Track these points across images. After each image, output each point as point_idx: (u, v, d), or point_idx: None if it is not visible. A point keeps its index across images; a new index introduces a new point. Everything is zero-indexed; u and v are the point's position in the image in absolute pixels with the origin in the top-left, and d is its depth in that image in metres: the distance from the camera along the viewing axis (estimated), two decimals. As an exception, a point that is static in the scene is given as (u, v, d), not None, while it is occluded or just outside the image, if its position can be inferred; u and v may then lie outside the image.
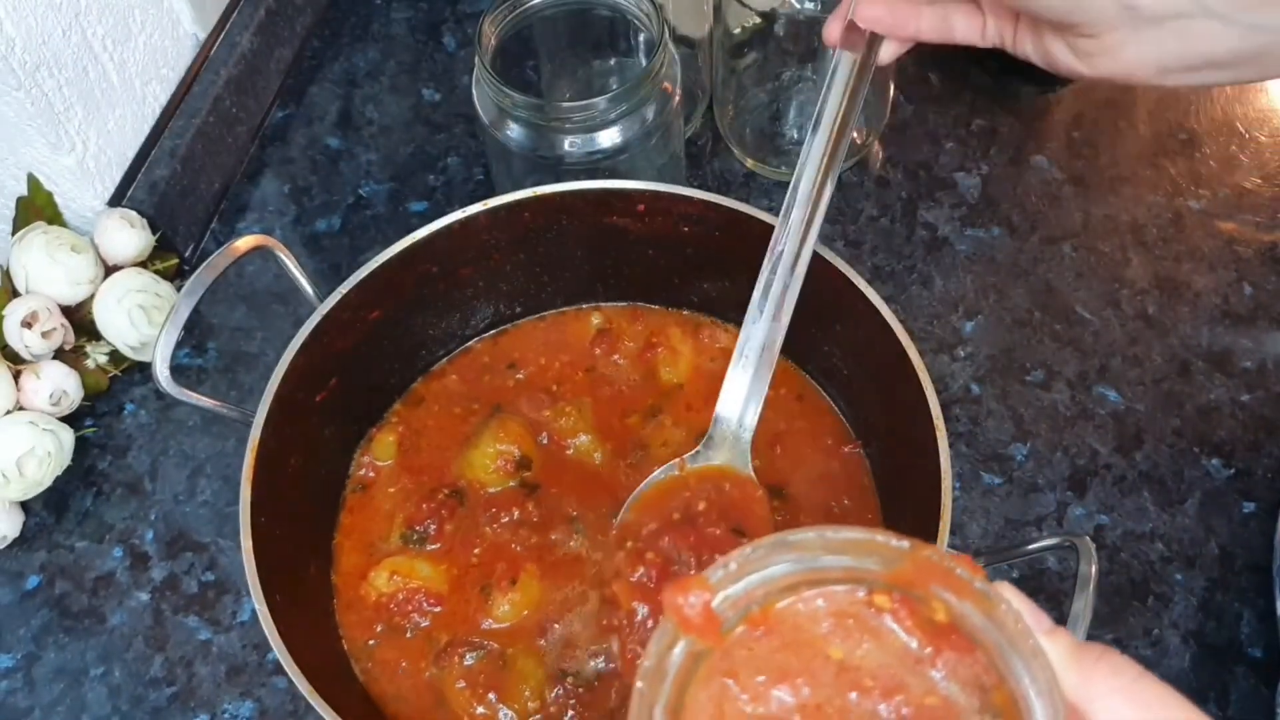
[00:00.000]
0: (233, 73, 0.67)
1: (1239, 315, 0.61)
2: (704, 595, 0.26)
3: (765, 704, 0.26)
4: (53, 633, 0.55)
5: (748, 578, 0.27)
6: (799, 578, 0.27)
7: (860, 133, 0.66)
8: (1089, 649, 0.27)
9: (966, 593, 0.26)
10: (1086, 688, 0.26)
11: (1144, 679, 0.26)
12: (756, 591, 0.27)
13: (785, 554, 0.27)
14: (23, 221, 0.59)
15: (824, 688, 0.26)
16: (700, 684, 0.27)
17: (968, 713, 0.25)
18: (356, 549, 0.52)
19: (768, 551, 0.27)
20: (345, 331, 0.50)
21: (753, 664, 0.27)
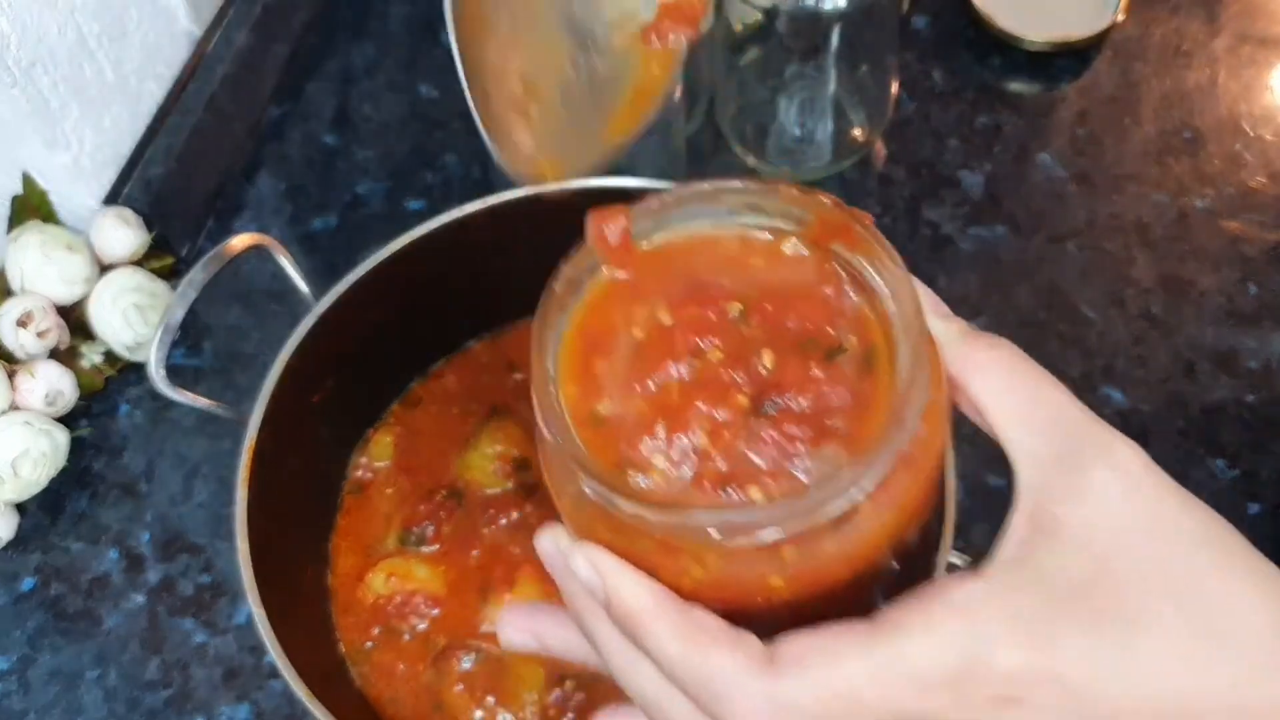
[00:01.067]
0: (229, 70, 0.66)
1: (1244, 315, 0.61)
2: (623, 223, 0.29)
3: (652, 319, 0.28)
4: (48, 635, 0.54)
5: (669, 221, 0.29)
6: (715, 232, 0.29)
7: (862, 130, 0.65)
8: (979, 334, 0.28)
9: (860, 246, 0.27)
10: (967, 359, 0.27)
11: (1023, 358, 0.28)
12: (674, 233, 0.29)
13: (707, 204, 0.29)
14: (17, 220, 0.59)
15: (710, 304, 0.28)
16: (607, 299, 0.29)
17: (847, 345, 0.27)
18: (353, 551, 0.51)
19: (690, 198, 0.29)
20: (342, 331, 0.49)
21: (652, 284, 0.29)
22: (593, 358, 0.28)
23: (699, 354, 0.27)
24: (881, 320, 0.27)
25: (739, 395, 0.26)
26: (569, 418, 0.27)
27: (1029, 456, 0.26)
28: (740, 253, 0.29)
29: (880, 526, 0.26)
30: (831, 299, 0.28)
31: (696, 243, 0.29)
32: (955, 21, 0.71)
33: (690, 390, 0.27)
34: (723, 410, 0.26)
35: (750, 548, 0.25)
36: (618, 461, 0.26)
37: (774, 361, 0.27)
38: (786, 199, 0.28)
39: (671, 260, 0.29)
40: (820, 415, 0.26)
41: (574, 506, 0.27)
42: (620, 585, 0.26)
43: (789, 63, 0.63)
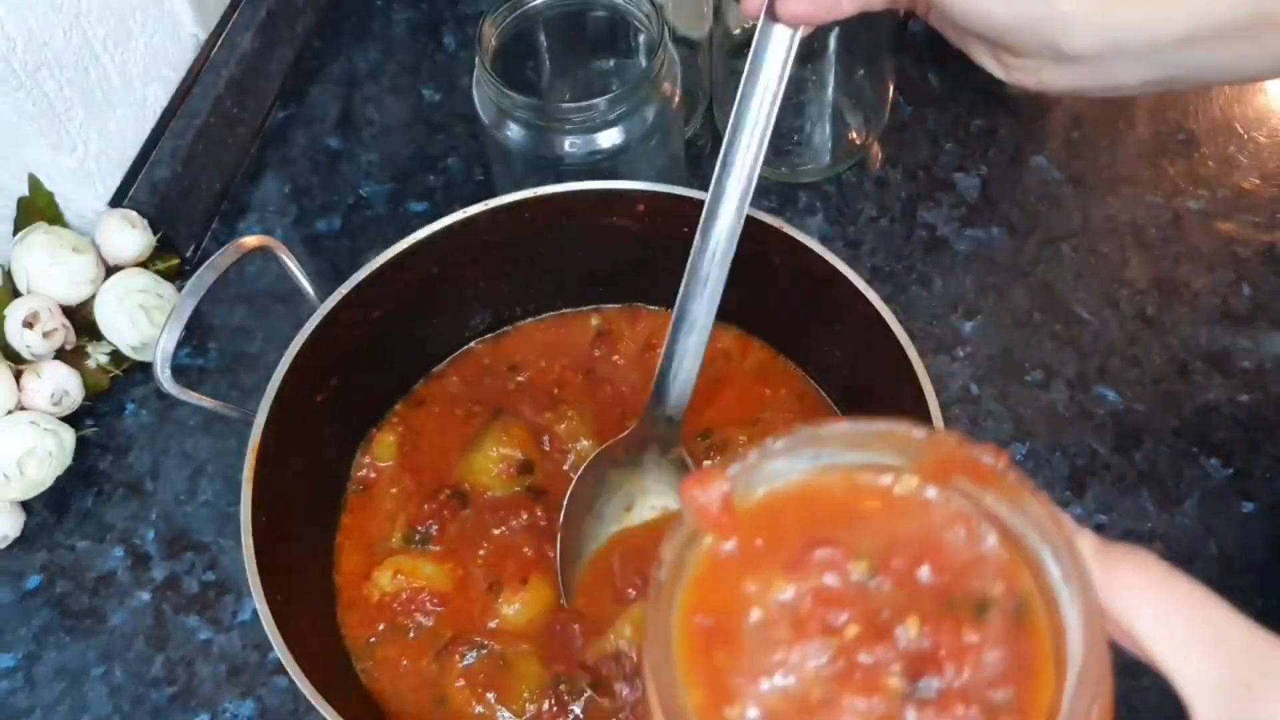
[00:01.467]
0: (233, 73, 0.67)
1: (1238, 315, 0.61)
2: (723, 487, 0.25)
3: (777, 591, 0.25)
4: (53, 632, 0.55)
5: (768, 471, 0.26)
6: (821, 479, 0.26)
7: (859, 133, 0.66)
8: (1116, 547, 0.26)
9: (992, 482, 0.24)
10: (1113, 584, 0.25)
11: (1172, 575, 0.25)
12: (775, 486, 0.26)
13: (806, 448, 0.26)
14: (24, 222, 0.59)
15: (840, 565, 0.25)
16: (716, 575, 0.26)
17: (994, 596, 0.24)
18: (358, 549, 0.52)
19: (789, 445, 0.26)
20: (346, 332, 0.50)
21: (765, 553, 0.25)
22: (711, 650, 0.24)
23: (833, 631, 0.24)
24: (1027, 560, 0.24)
25: (890, 678, 0.23)
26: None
27: (1201, 685, 0.24)
28: (852, 499, 0.26)
29: None
30: (964, 543, 0.25)
31: (803, 493, 0.26)
32: (952, 25, 0.71)
33: (832, 679, 0.24)
34: (876, 698, 0.23)
35: None
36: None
37: (920, 629, 0.24)
38: (896, 437, 0.25)
39: (778, 518, 0.25)
40: (983, 686, 0.23)
41: None
42: None
43: (787, 66, 0.63)
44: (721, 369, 0.55)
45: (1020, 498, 0.24)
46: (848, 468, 0.26)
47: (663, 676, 0.24)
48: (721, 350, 0.56)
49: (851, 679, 0.23)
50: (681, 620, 0.25)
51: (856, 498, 0.26)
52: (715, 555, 0.26)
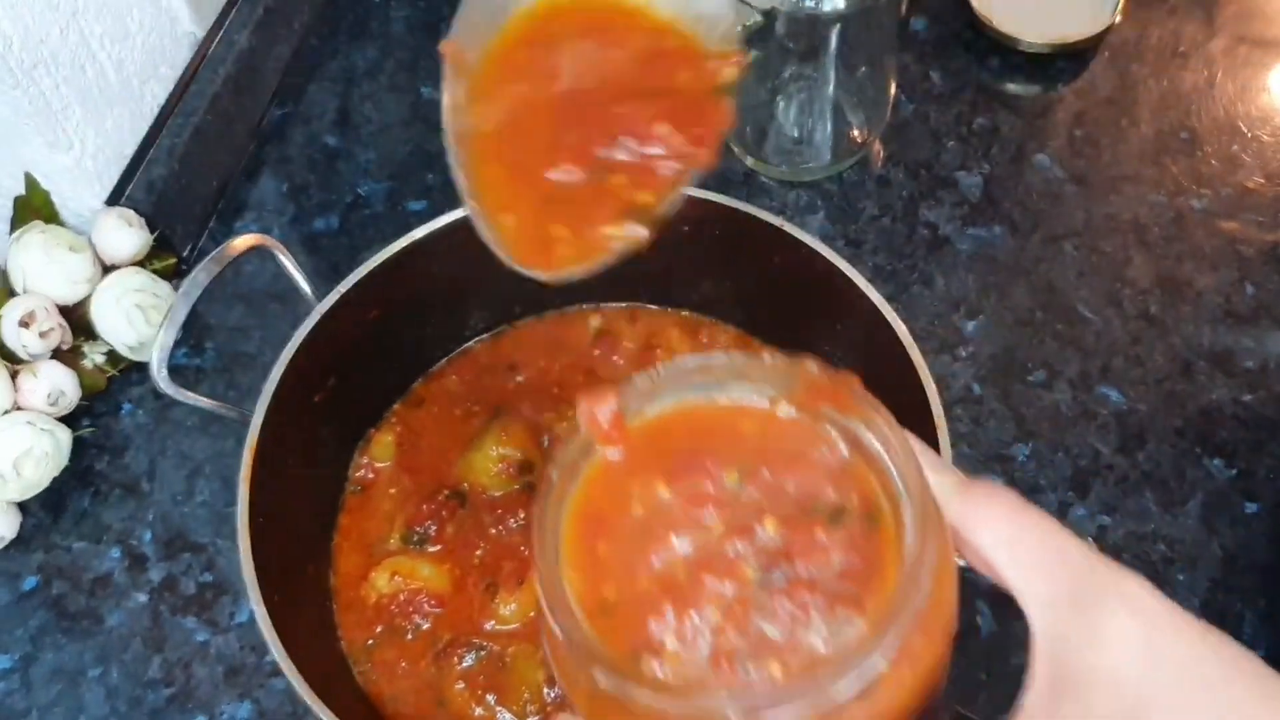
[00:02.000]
0: (231, 71, 0.66)
1: (1241, 315, 0.61)
2: (613, 405, 0.29)
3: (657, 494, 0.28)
4: (50, 633, 0.54)
5: (656, 394, 0.29)
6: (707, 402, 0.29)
7: (861, 131, 0.66)
8: (976, 483, 0.28)
9: (850, 407, 0.27)
10: (970, 515, 0.27)
11: (1024, 506, 0.27)
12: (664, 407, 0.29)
13: (693, 376, 0.29)
14: (20, 221, 0.59)
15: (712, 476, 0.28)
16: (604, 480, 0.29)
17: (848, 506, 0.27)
18: (355, 550, 0.51)
19: (675, 372, 0.29)
20: (344, 332, 0.49)
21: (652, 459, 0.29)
22: (595, 542, 0.28)
23: (701, 527, 0.27)
24: (880, 479, 0.27)
25: (746, 567, 0.26)
26: (576, 607, 0.27)
27: (1041, 602, 0.26)
28: (733, 421, 0.29)
29: (901, 690, 0.25)
30: (828, 461, 0.28)
31: (688, 415, 0.29)
32: (953, 23, 0.71)
33: (697, 566, 0.26)
34: (731, 584, 0.26)
35: None
36: (630, 648, 0.26)
37: (778, 528, 0.27)
38: (771, 368, 0.28)
39: (665, 435, 0.29)
40: (830, 581, 0.26)
41: (589, 698, 0.27)
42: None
43: (788, 64, 0.63)
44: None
45: (873, 420, 0.27)
46: (729, 395, 0.29)
47: (548, 563, 0.27)
48: (722, 350, 0.56)
49: (713, 566, 0.26)
50: (570, 517, 0.28)
51: (735, 419, 0.29)
52: (605, 463, 0.29)
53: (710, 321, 0.57)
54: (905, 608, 0.24)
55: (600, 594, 0.27)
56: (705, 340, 0.56)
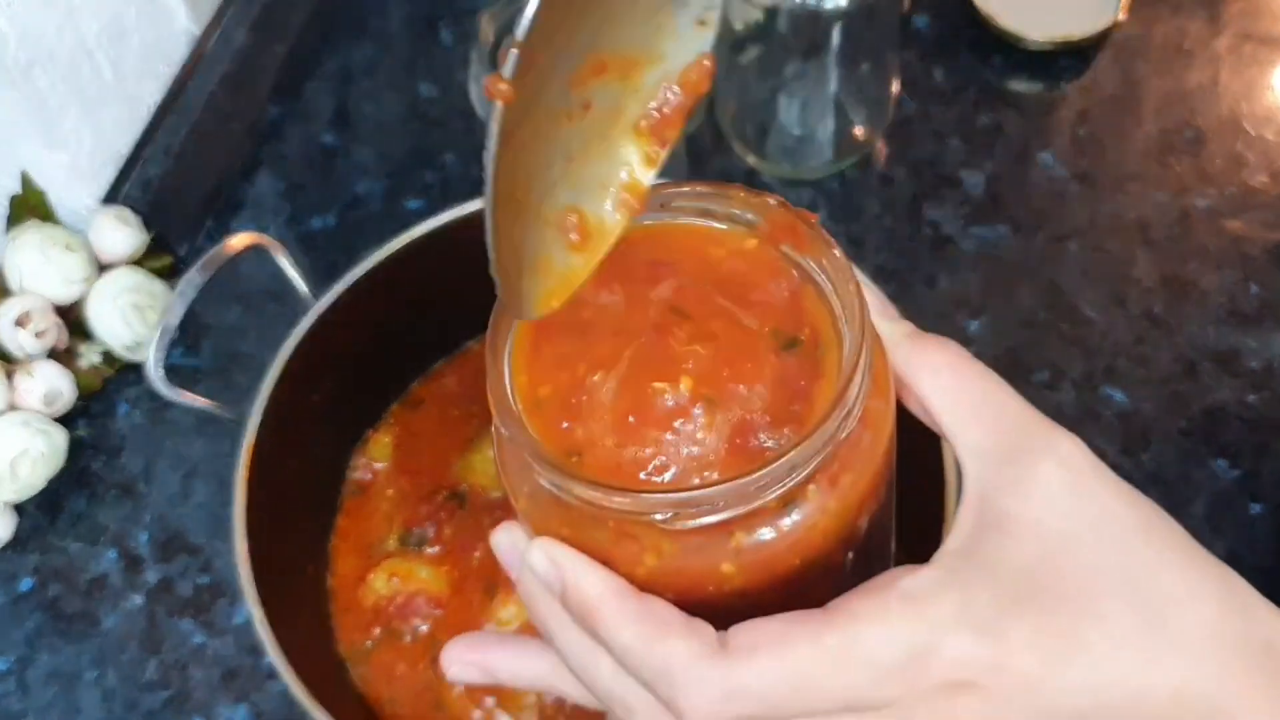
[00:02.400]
0: (227, 69, 0.66)
1: (1245, 315, 0.61)
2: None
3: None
4: (46, 636, 0.54)
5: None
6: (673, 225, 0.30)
7: (863, 130, 0.65)
8: (926, 336, 0.29)
9: (807, 246, 0.28)
10: (915, 362, 0.28)
11: (967, 359, 0.28)
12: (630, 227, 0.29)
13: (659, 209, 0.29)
14: (16, 220, 0.59)
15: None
16: None
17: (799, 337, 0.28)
18: (353, 551, 0.51)
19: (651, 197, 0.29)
20: (341, 331, 0.49)
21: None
22: (543, 345, 0.28)
23: (649, 334, 0.27)
24: (828, 315, 0.28)
25: (689, 378, 0.27)
26: (521, 408, 0.27)
27: (974, 451, 0.27)
28: (697, 243, 0.29)
29: (825, 516, 0.26)
30: (784, 293, 0.28)
31: (651, 232, 0.29)
32: (956, 21, 0.70)
33: (641, 371, 0.27)
34: (673, 393, 0.26)
35: (700, 531, 0.25)
36: (569, 449, 0.26)
37: (725, 346, 0.27)
38: (736, 201, 0.29)
39: (629, 250, 0.29)
40: (771, 403, 0.26)
41: (530, 503, 0.27)
42: (576, 575, 0.26)
43: (790, 62, 0.62)
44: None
45: (824, 256, 0.28)
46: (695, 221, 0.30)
47: (496, 362, 0.28)
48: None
49: (656, 372, 0.27)
50: (522, 325, 0.28)
51: (700, 242, 0.29)
52: None
53: (711, 321, 0.56)
54: (828, 425, 0.25)
55: (539, 394, 0.27)
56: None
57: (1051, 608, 0.25)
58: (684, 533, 0.25)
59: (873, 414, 0.27)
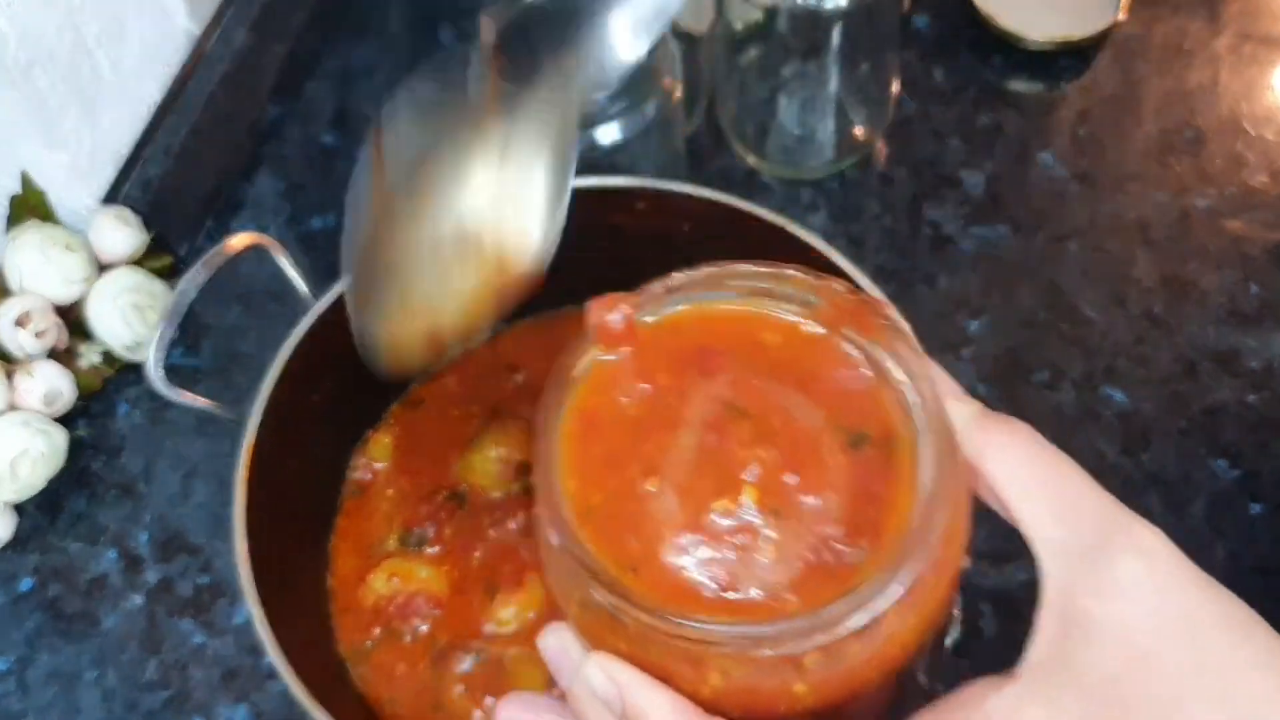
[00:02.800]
0: (227, 69, 0.66)
1: (1246, 315, 0.61)
2: (627, 311, 0.27)
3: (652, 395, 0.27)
4: (46, 636, 0.54)
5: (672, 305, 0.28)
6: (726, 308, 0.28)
7: (863, 130, 0.65)
8: (995, 416, 0.27)
9: (875, 332, 0.26)
10: (987, 447, 0.26)
11: (1042, 444, 0.27)
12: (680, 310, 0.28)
13: (714, 288, 0.28)
14: (16, 220, 0.59)
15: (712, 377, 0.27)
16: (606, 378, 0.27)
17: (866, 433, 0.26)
18: (353, 552, 0.51)
19: (697, 281, 0.28)
20: (341, 331, 0.49)
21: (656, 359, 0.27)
22: (592, 444, 0.26)
23: (706, 432, 0.25)
24: (899, 408, 0.26)
25: (754, 489, 0.25)
26: (572, 516, 0.25)
27: (1053, 548, 0.26)
28: (752, 329, 0.27)
29: (904, 630, 0.25)
30: (848, 384, 0.26)
31: (705, 317, 0.28)
32: (956, 21, 0.70)
33: (699, 478, 0.25)
34: (736, 507, 0.25)
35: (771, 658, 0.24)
36: (625, 562, 0.25)
37: (789, 445, 0.25)
38: (794, 283, 0.27)
39: (676, 334, 0.27)
40: (843, 511, 0.25)
41: (583, 613, 0.26)
42: (639, 699, 0.24)
43: (789, 62, 0.62)
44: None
45: (897, 346, 0.26)
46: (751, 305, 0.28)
47: (545, 470, 0.26)
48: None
49: (715, 477, 0.25)
50: (570, 421, 0.27)
51: (755, 328, 0.27)
52: (611, 363, 0.28)
53: (711, 321, 0.56)
54: (920, 542, 0.23)
55: (590, 502, 0.26)
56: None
57: (1142, 717, 0.24)
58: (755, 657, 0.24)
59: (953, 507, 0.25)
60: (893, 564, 0.23)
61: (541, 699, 0.29)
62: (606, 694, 0.25)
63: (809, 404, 0.26)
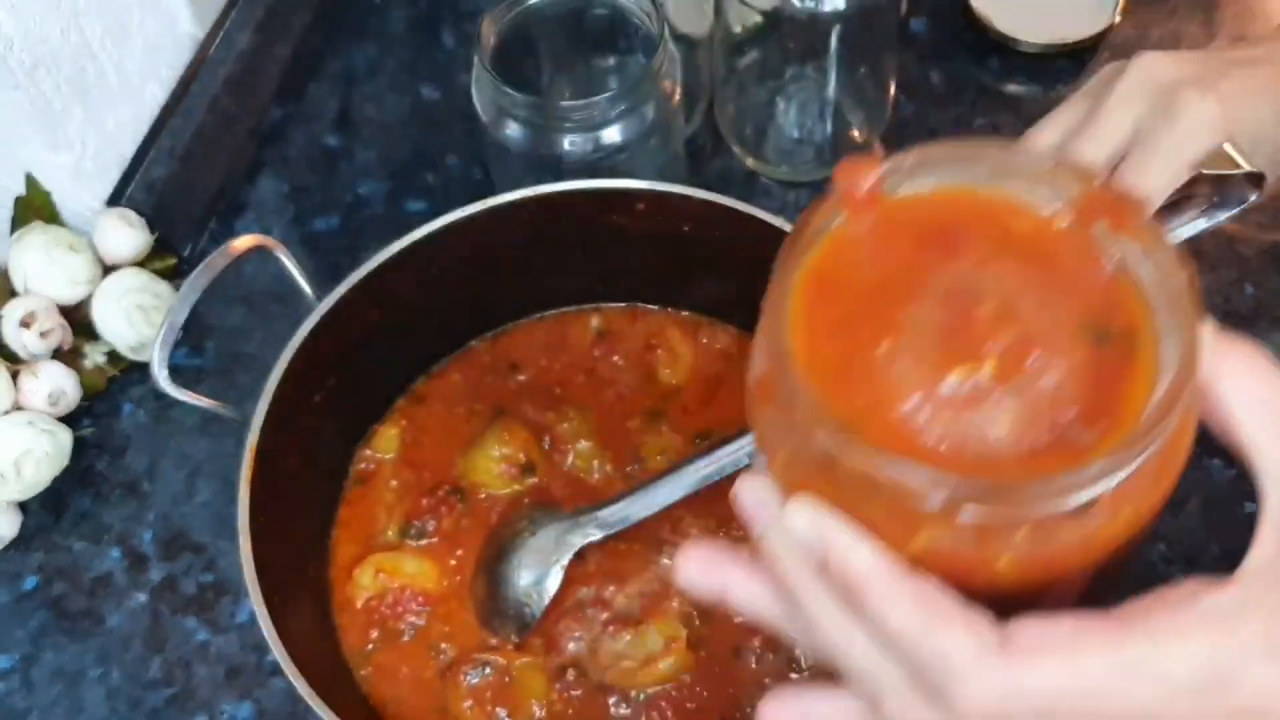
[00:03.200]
0: (231, 72, 0.66)
1: (1241, 315, 0.61)
2: (875, 174, 0.27)
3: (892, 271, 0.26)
4: (50, 634, 0.54)
5: (922, 177, 0.27)
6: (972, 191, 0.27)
7: (861, 132, 0.66)
8: (1230, 337, 0.26)
9: (1130, 229, 0.25)
10: (1218, 365, 0.26)
11: (1275, 365, 0.26)
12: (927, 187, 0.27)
13: (964, 164, 0.27)
14: (21, 221, 0.59)
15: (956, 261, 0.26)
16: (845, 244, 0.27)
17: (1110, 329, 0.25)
18: (354, 541, 0.52)
19: (949, 155, 0.27)
20: (344, 331, 0.50)
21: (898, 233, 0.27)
22: (824, 304, 0.26)
23: (946, 305, 0.25)
24: (1146, 306, 0.25)
25: (994, 361, 0.24)
26: (799, 364, 0.25)
27: (1276, 474, 0.26)
28: (999, 215, 0.27)
29: (1116, 524, 0.24)
30: (1096, 277, 0.26)
31: (952, 198, 0.27)
32: (953, 24, 0.71)
33: (937, 346, 0.25)
34: (975, 375, 0.24)
35: (983, 524, 0.23)
36: (846, 416, 0.24)
37: (1027, 327, 0.25)
38: (1053, 170, 0.26)
39: (922, 211, 0.27)
40: (1077, 395, 0.24)
41: (789, 465, 0.26)
42: (844, 544, 0.24)
43: (788, 64, 0.63)
44: (721, 369, 0.55)
45: (1153, 246, 0.25)
46: (1002, 189, 0.27)
47: (776, 319, 0.26)
48: (721, 350, 0.56)
49: (950, 345, 0.24)
50: (804, 278, 0.27)
51: (1003, 214, 0.27)
52: (851, 229, 0.27)
53: (710, 321, 0.57)
54: (1151, 435, 0.23)
55: (821, 353, 0.25)
56: (705, 340, 0.56)
57: None
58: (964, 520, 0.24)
59: (1184, 419, 0.25)
60: (1122, 450, 0.23)
61: (722, 551, 0.28)
62: (808, 540, 0.25)
63: (1054, 293, 0.25)
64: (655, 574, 0.49)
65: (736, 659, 0.48)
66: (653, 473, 0.50)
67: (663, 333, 0.56)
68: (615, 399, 0.54)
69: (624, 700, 0.47)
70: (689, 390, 0.55)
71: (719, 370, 0.55)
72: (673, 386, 0.55)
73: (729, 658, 0.48)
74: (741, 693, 0.47)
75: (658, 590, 0.49)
